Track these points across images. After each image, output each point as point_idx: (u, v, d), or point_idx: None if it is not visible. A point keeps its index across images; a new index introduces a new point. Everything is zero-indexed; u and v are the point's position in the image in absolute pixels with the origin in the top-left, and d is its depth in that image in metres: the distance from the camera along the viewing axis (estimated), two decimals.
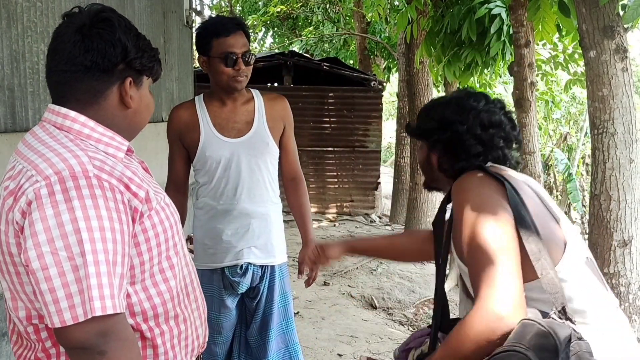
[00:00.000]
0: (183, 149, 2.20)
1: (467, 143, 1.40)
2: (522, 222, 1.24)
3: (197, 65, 2.35)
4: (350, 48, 12.88)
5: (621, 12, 2.45)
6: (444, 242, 1.44)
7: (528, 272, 1.22)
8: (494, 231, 1.21)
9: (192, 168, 2.26)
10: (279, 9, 11.97)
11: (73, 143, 1.10)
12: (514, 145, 1.48)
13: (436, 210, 1.53)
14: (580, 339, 1.16)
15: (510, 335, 1.13)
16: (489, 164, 1.40)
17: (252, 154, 2.15)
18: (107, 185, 1.05)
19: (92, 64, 1.12)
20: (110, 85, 1.16)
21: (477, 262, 1.21)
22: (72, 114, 1.14)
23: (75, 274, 0.98)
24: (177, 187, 2.24)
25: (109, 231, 1.01)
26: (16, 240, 1.02)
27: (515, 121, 1.50)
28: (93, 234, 0.99)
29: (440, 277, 1.45)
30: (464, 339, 1.18)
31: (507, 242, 1.21)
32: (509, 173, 1.37)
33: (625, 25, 2.43)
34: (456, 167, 1.42)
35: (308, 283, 2.38)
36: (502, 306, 1.14)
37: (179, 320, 1.23)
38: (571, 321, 1.19)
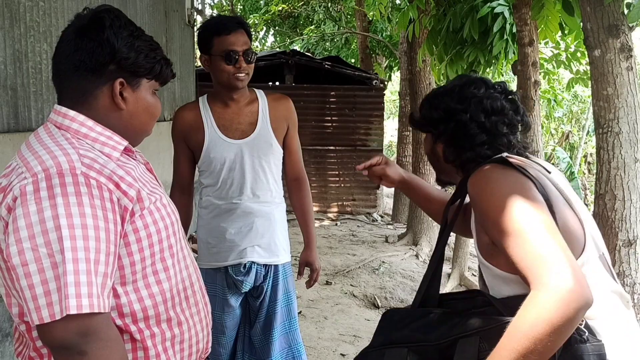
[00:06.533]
0: (188, 150, 2.19)
1: (471, 132, 1.36)
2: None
3: (199, 64, 2.35)
4: (352, 47, 12.85)
5: (626, 11, 2.44)
6: (446, 230, 1.40)
7: None
8: (534, 212, 1.14)
9: (196, 169, 2.25)
10: (280, 8, 11.95)
11: (68, 141, 1.10)
12: (519, 129, 1.42)
13: None
14: (582, 342, 1.11)
15: None
16: (505, 154, 1.34)
17: (256, 155, 2.14)
18: (95, 183, 1.04)
19: (80, 63, 1.12)
20: (100, 85, 1.14)
21: (522, 244, 1.11)
22: (72, 112, 1.14)
23: (54, 271, 0.96)
24: (183, 189, 2.24)
25: (92, 229, 1.00)
26: (4, 237, 1.02)
27: (519, 103, 1.43)
28: (74, 231, 0.98)
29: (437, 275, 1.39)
30: (535, 326, 1.02)
31: (550, 222, 1.13)
32: (528, 164, 1.31)
33: (630, 24, 2.42)
34: (463, 157, 1.38)
35: (309, 284, 2.38)
36: (565, 278, 1.02)
37: (173, 323, 1.20)
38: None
